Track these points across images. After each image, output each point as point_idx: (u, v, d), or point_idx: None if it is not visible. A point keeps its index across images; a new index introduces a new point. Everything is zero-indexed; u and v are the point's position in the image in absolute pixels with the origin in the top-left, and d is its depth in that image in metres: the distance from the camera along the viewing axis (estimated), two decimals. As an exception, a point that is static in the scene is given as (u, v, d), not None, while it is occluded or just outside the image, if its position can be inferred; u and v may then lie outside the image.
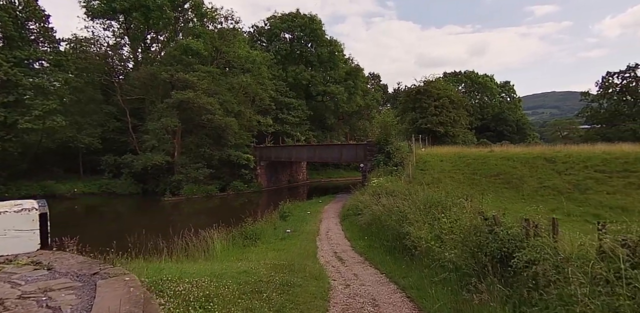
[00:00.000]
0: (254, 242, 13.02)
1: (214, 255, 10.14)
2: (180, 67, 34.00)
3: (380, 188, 16.08)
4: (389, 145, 26.01)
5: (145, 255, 8.68)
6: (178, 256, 9.22)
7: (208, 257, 9.95)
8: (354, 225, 15.30)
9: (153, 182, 36.65)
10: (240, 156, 36.53)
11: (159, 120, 33.24)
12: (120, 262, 6.80)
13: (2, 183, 33.50)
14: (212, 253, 10.33)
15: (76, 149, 38.22)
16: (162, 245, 9.34)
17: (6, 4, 32.56)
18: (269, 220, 17.80)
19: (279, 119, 44.66)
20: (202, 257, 9.78)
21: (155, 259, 8.39)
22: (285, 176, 44.87)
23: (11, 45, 32.67)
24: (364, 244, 11.77)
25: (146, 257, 8.34)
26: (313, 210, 21.90)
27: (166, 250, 9.53)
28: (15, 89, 31.72)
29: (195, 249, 10.30)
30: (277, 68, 47.43)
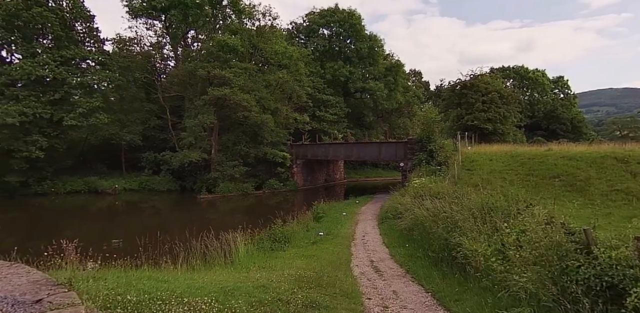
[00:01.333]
0: (282, 246, 11.96)
1: (236, 261, 9.13)
2: (217, 63, 33.77)
3: (423, 190, 14.53)
4: (431, 143, 24.24)
5: (159, 260, 7.80)
6: (196, 261, 8.28)
7: (228, 263, 8.97)
8: (393, 229, 13.89)
9: (191, 179, 36.79)
10: (276, 154, 35.89)
11: (196, 117, 33.20)
12: (120, 270, 5.88)
13: (50, 179, 34.75)
14: (235, 259, 9.32)
15: (119, 146, 39.13)
16: (177, 250, 8.43)
17: (55, 5, 33.65)
18: (301, 221, 16.73)
19: (316, 117, 43.66)
20: (221, 263, 8.82)
21: (167, 265, 7.46)
22: (321, 175, 43.81)
23: (58, 45, 33.77)
24: (405, 253, 10.36)
25: (157, 263, 7.42)
26: (349, 212, 20.61)
27: (183, 254, 8.62)
28: (62, 87, 32.72)
29: (216, 253, 9.35)
30: (315, 65, 46.46)
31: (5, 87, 30.90)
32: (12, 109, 29.80)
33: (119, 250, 13.11)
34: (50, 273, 5.52)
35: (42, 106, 31.65)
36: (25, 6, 31.26)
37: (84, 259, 6.51)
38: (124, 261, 7.35)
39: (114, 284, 4.99)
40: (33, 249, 15.55)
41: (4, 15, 30.50)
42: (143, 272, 6.35)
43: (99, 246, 17.81)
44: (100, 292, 4.38)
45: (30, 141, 31.34)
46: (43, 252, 6.22)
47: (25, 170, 32.10)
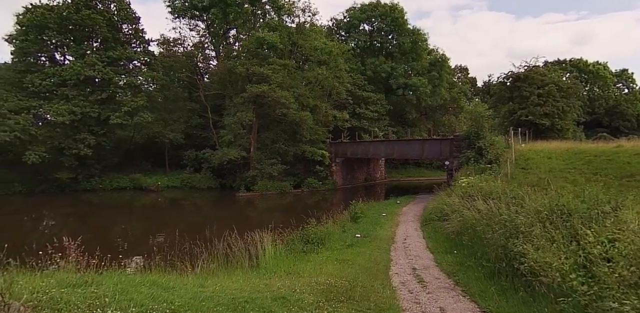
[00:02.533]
0: (315, 248, 10.98)
1: (261, 265, 8.27)
2: (256, 60, 33.52)
3: (472, 189, 13.04)
4: (480, 140, 22.37)
5: (176, 261, 7.07)
6: (215, 264, 7.49)
7: (252, 267, 8.13)
8: (438, 232, 12.52)
9: (230, 177, 36.91)
10: (314, 152, 35.12)
11: (235, 115, 33.11)
12: (125, 273, 5.14)
13: (98, 176, 36.09)
14: (261, 262, 8.45)
15: (162, 144, 40.04)
16: (198, 250, 7.69)
17: (103, 8, 34.86)
18: (338, 221, 15.70)
19: (356, 114, 42.44)
20: (244, 267, 7.99)
21: (183, 268, 6.70)
22: (361, 174, 42.53)
23: (106, 47, 34.96)
24: (453, 260, 9.04)
25: (173, 265, 6.69)
26: (389, 212, 19.31)
27: (205, 254, 7.87)
28: (108, 87, 33.80)
29: (240, 255, 8.53)
30: (355, 61, 45.23)
31: (56, 87, 32.32)
32: (62, 108, 31.12)
33: (141, 249, 12.78)
34: (41, 275, 4.89)
35: (90, 105, 32.86)
36: (75, 9, 32.58)
37: (88, 258, 5.88)
38: (139, 261, 6.68)
39: (105, 291, 4.22)
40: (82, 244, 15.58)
41: (55, 18, 31.89)
42: (149, 276, 5.62)
43: (144, 242, 18.01)
44: (78, 302, 3.59)
45: (79, 139, 32.62)
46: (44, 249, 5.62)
47: (75, 167, 33.48)
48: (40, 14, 31.44)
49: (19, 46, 32.20)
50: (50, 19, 31.70)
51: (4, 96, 30.65)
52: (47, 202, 30.47)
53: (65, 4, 33.17)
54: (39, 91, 32.09)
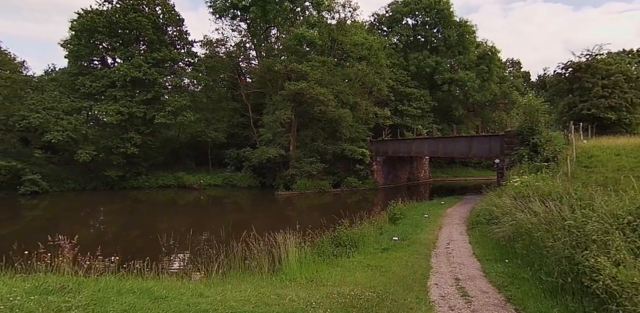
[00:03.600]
0: (347, 251, 10.08)
1: (284, 269, 7.49)
2: (295, 57, 33.08)
3: (527, 189, 11.56)
4: (535, 136, 20.37)
5: (188, 265, 6.46)
6: (230, 268, 6.80)
7: (273, 272, 7.38)
8: (487, 237, 11.16)
9: (270, 176, 36.82)
10: (355, 151, 34.09)
11: (274, 113, 32.84)
12: (117, 277, 4.55)
13: (144, 174, 37.30)
14: (284, 266, 7.68)
15: (205, 143, 40.80)
16: (213, 253, 7.04)
17: (149, 11, 35.94)
18: (375, 222, 14.65)
19: (398, 111, 40.87)
20: (263, 272, 7.25)
21: (195, 271, 6.06)
22: (404, 173, 40.89)
23: (151, 48, 36.00)
24: (504, 271, 7.78)
25: (185, 269, 6.06)
26: (432, 213, 17.95)
27: (222, 256, 7.22)
28: (153, 87, 34.77)
29: (263, 258, 7.80)
30: (398, 56, 43.63)
31: (105, 89, 33.69)
32: (111, 108, 32.36)
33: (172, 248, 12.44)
34: (22, 279, 4.39)
35: (136, 105, 33.95)
36: (122, 13, 33.80)
37: (90, 259, 5.37)
38: (147, 263, 6.13)
39: (80, 300, 3.59)
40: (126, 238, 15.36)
41: (104, 22, 33.23)
42: (146, 281, 5.01)
43: (180, 241, 17.97)
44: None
45: (127, 138, 33.81)
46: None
47: (123, 165, 34.78)
48: (90, 18, 32.89)
49: (71, 50, 33.89)
50: (99, 23, 33.09)
51: (58, 98, 32.37)
52: (98, 198, 31.80)
53: (113, 8, 34.50)
54: (90, 93, 33.62)
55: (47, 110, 30.99)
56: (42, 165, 33.69)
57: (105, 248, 7.41)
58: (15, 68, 33.20)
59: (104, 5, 35.02)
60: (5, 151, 30.17)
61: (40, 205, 28.68)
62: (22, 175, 29.69)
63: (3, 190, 29.89)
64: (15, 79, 31.31)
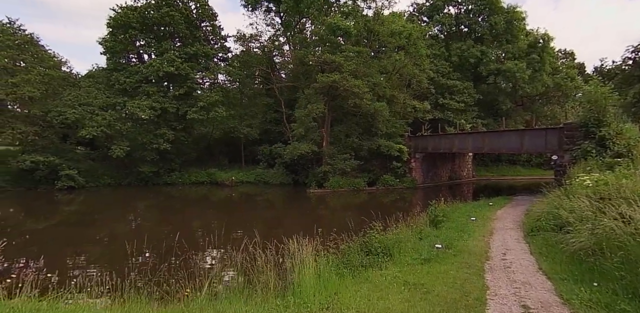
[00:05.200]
0: (379, 261, 8.35)
1: (293, 289, 5.87)
2: (328, 48, 31.45)
3: (608, 189, 9.30)
4: (603, 128, 17.60)
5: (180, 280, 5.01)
6: (237, 284, 5.28)
7: (283, 290, 5.80)
8: (555, 248, 9.02)
9: (303, 173, 35.58)
10: (391, 147, 32.02)
11: (306, 107, 31.41)
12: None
13: (178, 170, 37.12)
14: (295, 284, 6.05)
15: (238, 140, 40.18)
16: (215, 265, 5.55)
17: (181, 6, 35.57)
18: (413, 225, 12.76)
19: (439, 105, 38.24)
20: (268, 291, 5.68)
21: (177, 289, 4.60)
22: (445, 171, 38.25)
23: (184, 43, 35.64)
24: (591, 298, 5.76)
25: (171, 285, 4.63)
26: (480, 216, 15.75)
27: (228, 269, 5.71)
28: (185, 83, 34.36)
29: (270, 271, 6.22)
30: (439, 46, 40.88)
31: (139, 84, 33.62)
32: (143, 103, 32.21)
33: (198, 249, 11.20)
34: None
35: (168, 101, 33.68)
36: (155, 8, 33.59)
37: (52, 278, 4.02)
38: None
39: None
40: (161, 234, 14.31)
41: (138, 17, 33.12)
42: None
43: (204, 240, 17.10)
44: None
45: (159, 134, 33.61)
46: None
47: (156, 161, 34.68)
48: (125, 14, 32.89)
49: (107, 46, 34.12)
50: (133, 18, 33.03)
51: (93, 94, 32.64)
52: (132, 194, 31.80)
53: (147, 3, 34.40)
54: (124, 88, 33.70)
55: (83, 106, 31.31)
56: (80, 160, 34.19)
57: (138, 244, 6.97)
58: (54, 65, 33.80)
59: (138, 1, 35.06)
60: (44, 147, 30.68)
61: (76, 200, 28.93)
62: (59, 170, 30.08)
63: (42, 185, 30.47)
64: (53, 76, 31.81)
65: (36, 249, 15.09)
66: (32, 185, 30.42)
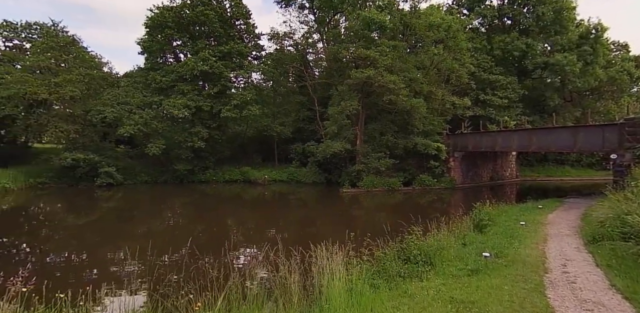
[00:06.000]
0: (419, 271, 7.42)
1: (320, 305, 5.07)
2: (362, 43, 30.43)
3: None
4: (673, 123, 15.61)
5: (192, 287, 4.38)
6: (251, 298, 4.58)
7: (306, 306, 5.03)
8: (628, 260, 7.74)
9: (336, 172, 34.83)
10: (428, 145, 30.60)
11: (339, 105, 30.57)
12: None
13: (212, 168, 37.34)
14: (323, 299, 5.26)
15: (271, 138, 40.00)
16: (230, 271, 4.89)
17: (216, 5, 35.69)
18: (456, 228, 11.68)
19: (480, 101, 36.25)
20: (292, 306, 4.92)
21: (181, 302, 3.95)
22: (486, 171, 36.24)
23: (218, 42, 35.74)
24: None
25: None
26: (530, 220, 14.32)
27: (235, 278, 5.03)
28: (219, 81, 34.43)
29: (294, 283, 5.47)
30: (480, 39, 38.81)
31: (174, 83, 34.01)
32: (179, 102, 32.54)
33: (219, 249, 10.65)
34: None
35: (203, 99, 33.87)
36: (191, 7, 33.87)
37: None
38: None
39: None
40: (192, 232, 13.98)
41: (173, 17, 33.50)
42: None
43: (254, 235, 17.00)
44: None
45: (194, 132, 33.87)
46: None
47: (191, 159, 35.00)
48: (161, 14, 33.37)
49: (144, 46, 34.77)
50: (169, 18, 33.44)
51: (131, 93, 33.35)
52: (168, 191, 32.24)
53: (183, 3, 34.76)
54: (161, 87, 34.20)
55: (121, 105, 32.02)
56: (118, 158, 35.09)
57: (175, 241, 6.86)
58: (95, 66, 34.85)
59: (174, 1, 35.49)
60: (85, 145, 31.64)
61: (115, 196, 29.62)
62: (98, 167, 30.91)
63: (83, 182, 31.44)
64: (94, 76, 32.77)
65: (76, 243, 15.44)
66: (74, 182, 31.44)
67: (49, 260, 12.93)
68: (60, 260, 12.82)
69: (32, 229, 19.47)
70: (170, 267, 9.43)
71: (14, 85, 29.26)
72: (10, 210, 24.29)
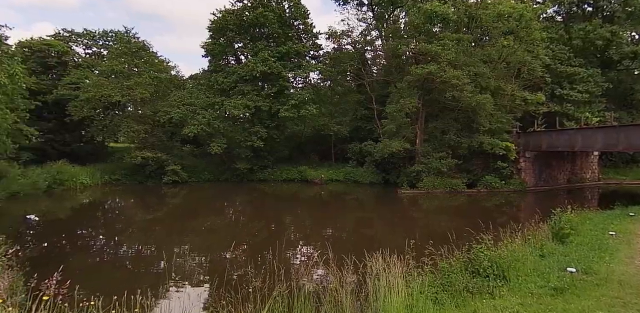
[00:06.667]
0: (491, 286, 6.51)
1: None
2: (423, 38, 29.01)
3: None
4: None
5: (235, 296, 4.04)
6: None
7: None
8: None
9: (394, 172, 33.71)
10: (496, 144, 28.40)
11: (398, 102, 29.43)
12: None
13: (270, 167, 37.91)
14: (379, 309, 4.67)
15: (329, 137, 39.78)
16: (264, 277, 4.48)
17: (275, 6, 36.12)
18: (531, 237, 10.41)
19: (556, 96, 33.11)
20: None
21: None
22: (562, 173, 33.00)
23: (277, 42, 36.16)
24: None
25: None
26: (620, 230, 12.47)
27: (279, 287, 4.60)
28: (278, 81, 34.80)
29: (346, 295, 4.92)
30: (556, 28, 35.46)
31: (235, 84, 34.94)
32: (239, 102, 33.38)
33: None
34: None
35: (262, 99, 34.41)
36: (251, 9, 34.61)
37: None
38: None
39: None
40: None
41: (234, 19, 34.40)
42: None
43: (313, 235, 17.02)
44: None
45: (253, 132, 34.54)
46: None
47: (250, 158, 35.75)
48: (223, 17, 34.44)
49: (207, 49, 36.12)
50: (230, 21, 34.41)
51: (195, 94, 34.81)
52: (229, 189, 33.28)
53: (244, 5, 35.62)
54: (223, 89, 35.33)
55: (186, 105, 33.51)
56: (184, 157, 36.84)
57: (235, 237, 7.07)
58: (163, 69, 36.86)
59: (235, 5, 36.47)
60: (153, 144, 33.53)
61: (180, 193, 31.09)
62: (165, 165, 32.60)
63: (151, 179, 33.36)
64: (161, 79, 34.63)
65: (144, 237, 16.35)
66: (143, 179, 33.47)
67: (122, 251, 13.95)
68: (131, 251, 13.84)
69: (107, 222, 20.96)
70: (218, 271, 9.36)
71: (91, 88, 31.82)
72: (88, 204, 26.38)
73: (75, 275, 10.56)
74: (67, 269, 10.70)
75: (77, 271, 10.68)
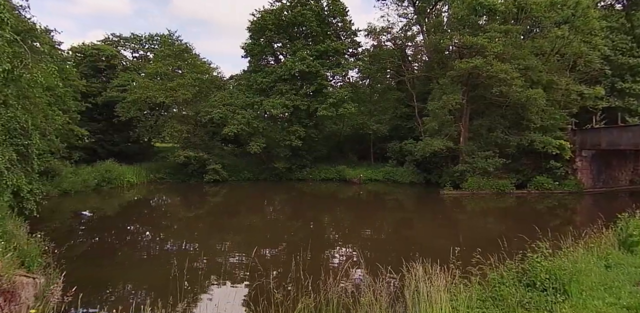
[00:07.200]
0: (548, 300, 5.74)
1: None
2: (468, 30, 27.60)
3: None
4: None
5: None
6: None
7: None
8: None
9: (436, 172, 32.49)
10: (548, 143, 26.48)
11: (440, 99, 28.22)
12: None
13: (309, 166, 37.75)
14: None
15: (368, 136, 39.07)
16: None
17: (313, 4, 35.84)
18: (593, 244, 9.33)
19: (616, 90, 30.44)
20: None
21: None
22: (624, 173, 30.31)
23: (315, 41, 35.90)
24: None
25: None
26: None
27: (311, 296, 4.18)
28: (316, 80, 34.53)
29: (380, 308, 4.41)
30: (617, 17, 32.63)
31: (274, 84, 35.06)
32: (277, 102, 33.46)
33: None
34: None
35: (300, 98, 34.31)
36: (289, 8, 34.58)
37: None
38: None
39: None
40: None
41: (273, 19, 34.50)
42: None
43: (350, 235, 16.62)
44: None
45: (291, 131, 34.51)
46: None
47: (289, 158, 35.78)
48: (262, 17, 34.66)
49: (247, 50, 36.52)
50: (269, 20, 34.55)
51: (235, 95, 35.31)
52: (267, 188, 33.49)
53: (282, 5, 35.68)
54: (262, 88, 35.58)
55: (226, 106, 34.05)
56: (224, 156, 37.49)
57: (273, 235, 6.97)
58: (205, 71, 37.70)
59: (274, 5, 36.59)
60: (195, 143, 34.35)
61: (221, 192, 31.63)
62: (207, 164, 33.30)
63: (193, 178, 34.21)
64: (203, 80, 35.42)
65: (187, 234, 16.73)
66: (186, 178, 34.39)
67: (167, 247, 14.52)
68: (175, 247, 14.39)
69: (152, 218, 21.61)
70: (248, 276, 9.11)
71: (137, 90, 33.10)
72: (134, 202, 27.39)
73: (125, 267, 10.94)
74: (114, 263, 11.17)
75: (125, 263, 11.31)
